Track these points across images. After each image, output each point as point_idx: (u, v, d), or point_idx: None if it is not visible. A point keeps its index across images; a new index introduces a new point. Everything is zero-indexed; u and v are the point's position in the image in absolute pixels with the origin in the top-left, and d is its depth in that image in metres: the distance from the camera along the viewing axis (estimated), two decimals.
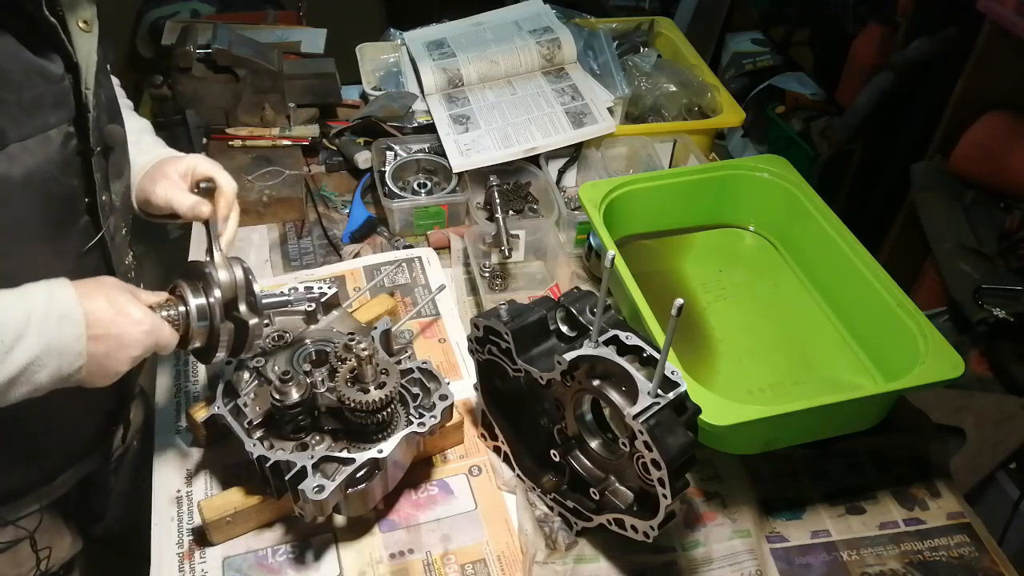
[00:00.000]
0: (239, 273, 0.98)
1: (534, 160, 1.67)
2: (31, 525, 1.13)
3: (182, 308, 0.94)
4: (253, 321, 0.97)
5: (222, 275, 0.96)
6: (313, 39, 2.06)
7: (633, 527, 0.99)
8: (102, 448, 1.22)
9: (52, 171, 0.87)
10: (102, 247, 0.99)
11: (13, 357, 0.78)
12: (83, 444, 1.17)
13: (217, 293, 0.96)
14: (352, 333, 1.13)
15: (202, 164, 1.04)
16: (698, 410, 0.95)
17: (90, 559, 1.31)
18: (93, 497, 1.31)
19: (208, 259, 0.98)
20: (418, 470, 1.16)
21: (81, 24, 0.88)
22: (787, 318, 1.40)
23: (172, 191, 1.00)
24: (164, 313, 0.93)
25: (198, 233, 1.42)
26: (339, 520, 1.11)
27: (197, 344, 0.97)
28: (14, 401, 0.82)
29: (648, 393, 0.90)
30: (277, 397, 1.02)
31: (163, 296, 0.95)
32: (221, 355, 0.99)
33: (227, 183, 1.03)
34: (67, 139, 0.88)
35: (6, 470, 1.05)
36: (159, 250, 2.12)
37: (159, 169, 1.03)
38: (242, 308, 0.97)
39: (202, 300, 0.95)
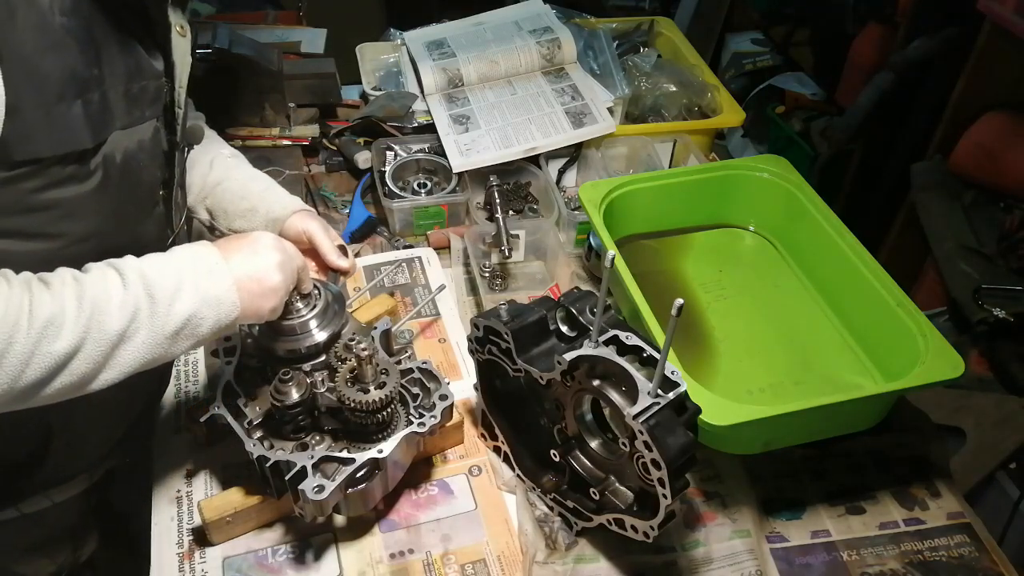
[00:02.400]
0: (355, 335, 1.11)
1: (534, 160, 1.66)
2: (71, 516, 1.17)
3: (301, 305, 1.05)
4: (319, 360, 1.07)
5: (350, 326, 1.11)
6: (313, 39, 2.06)
7: (633, 527, 0.99)
8: (129, 442, 1.23)
9: (143, 159, 0.94)
10: (171, 236, 1.07)
11: (176, 310, 0.84)
12: (124, 429, 1.18)
13: (326, 334, 1.07)
14: (352, 333, 1.13)
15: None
16: (698, 410, 0.95)
17: (104, 556, 1.32)
18: (110, 494, 1.32)
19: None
20: (418, 470, 1.16)
21: (179, 28, 0.97)
22: (787, 318, 1.40)
23: (326, 239, 1.16)
24: (295, 299, 1.04)
25: None
26: (339, 520, 1.11)
27: (281, 321, 1.04)
28: (178, 354, 0.88)
29: (648, 393, 0.90)
30: (277, 397, 1.02)
31: (310, 283, 1.06)
32: (274, 348, 1.07)
33: (355, 262, 1.21)
34: (156, 132, 0.96)
35: (72, 447, 1.07)
36: None
37: (315, 216, 1.21)
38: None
39: (315, 326, 1.06)
